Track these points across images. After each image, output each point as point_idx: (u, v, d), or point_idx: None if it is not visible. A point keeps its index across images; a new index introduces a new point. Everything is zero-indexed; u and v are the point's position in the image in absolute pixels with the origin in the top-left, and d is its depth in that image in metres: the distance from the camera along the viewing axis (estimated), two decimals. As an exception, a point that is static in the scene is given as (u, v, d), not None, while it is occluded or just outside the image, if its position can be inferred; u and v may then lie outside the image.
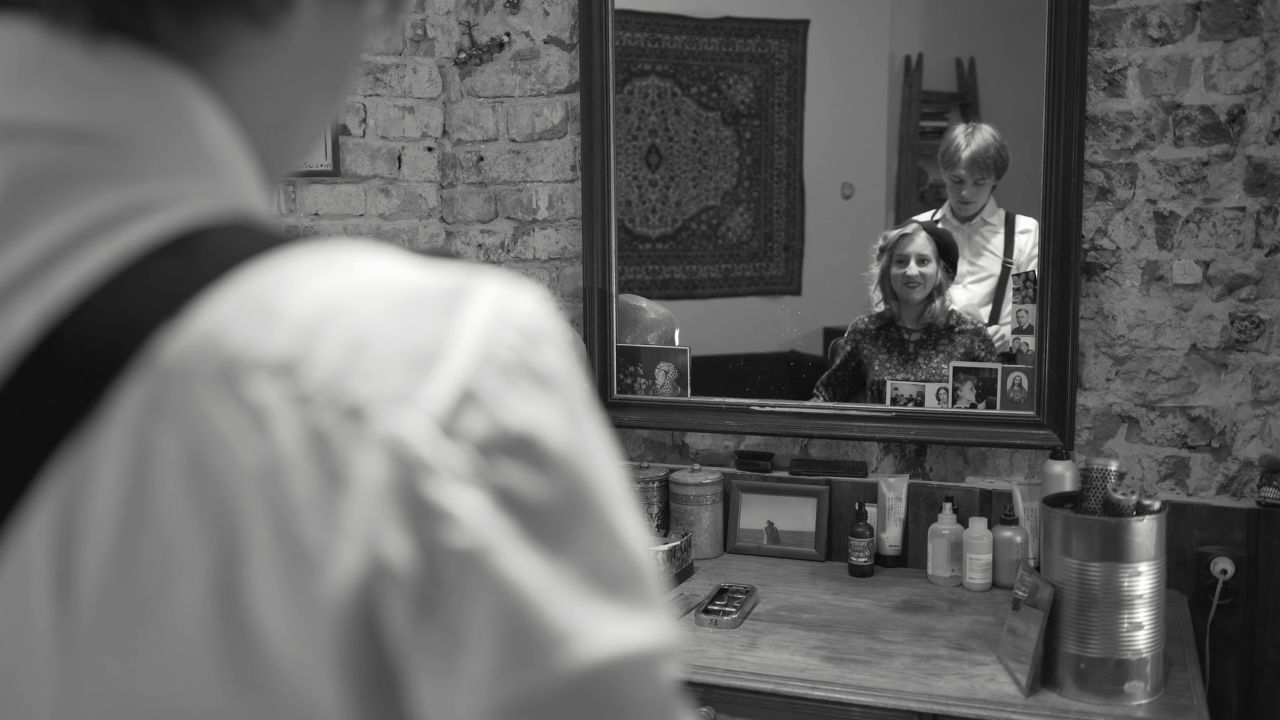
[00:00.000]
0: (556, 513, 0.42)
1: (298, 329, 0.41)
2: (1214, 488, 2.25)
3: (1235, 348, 2.22)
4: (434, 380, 0.41)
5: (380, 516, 0.40)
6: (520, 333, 0.43)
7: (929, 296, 2.43)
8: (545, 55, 2.67)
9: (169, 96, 0.45)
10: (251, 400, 0.40)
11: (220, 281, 0.42)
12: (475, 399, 0.41)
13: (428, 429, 0.40)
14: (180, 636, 0.39)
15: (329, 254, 0.44)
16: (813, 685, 1.83)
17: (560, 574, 0.42)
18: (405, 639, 0.40)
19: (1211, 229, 2.21)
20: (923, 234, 2.42)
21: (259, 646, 0.39)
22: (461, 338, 0.42)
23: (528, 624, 0.41)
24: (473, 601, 0.40)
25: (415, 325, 0.42)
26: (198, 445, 0.39)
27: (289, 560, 0.39)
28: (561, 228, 2.69)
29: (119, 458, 0.40)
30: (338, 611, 0.39)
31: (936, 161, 2.49)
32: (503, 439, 0.41)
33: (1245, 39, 2.15)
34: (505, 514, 0.41)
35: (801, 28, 2.60)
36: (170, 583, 0.39)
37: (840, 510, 2.47)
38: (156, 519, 0.39)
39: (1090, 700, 1.73)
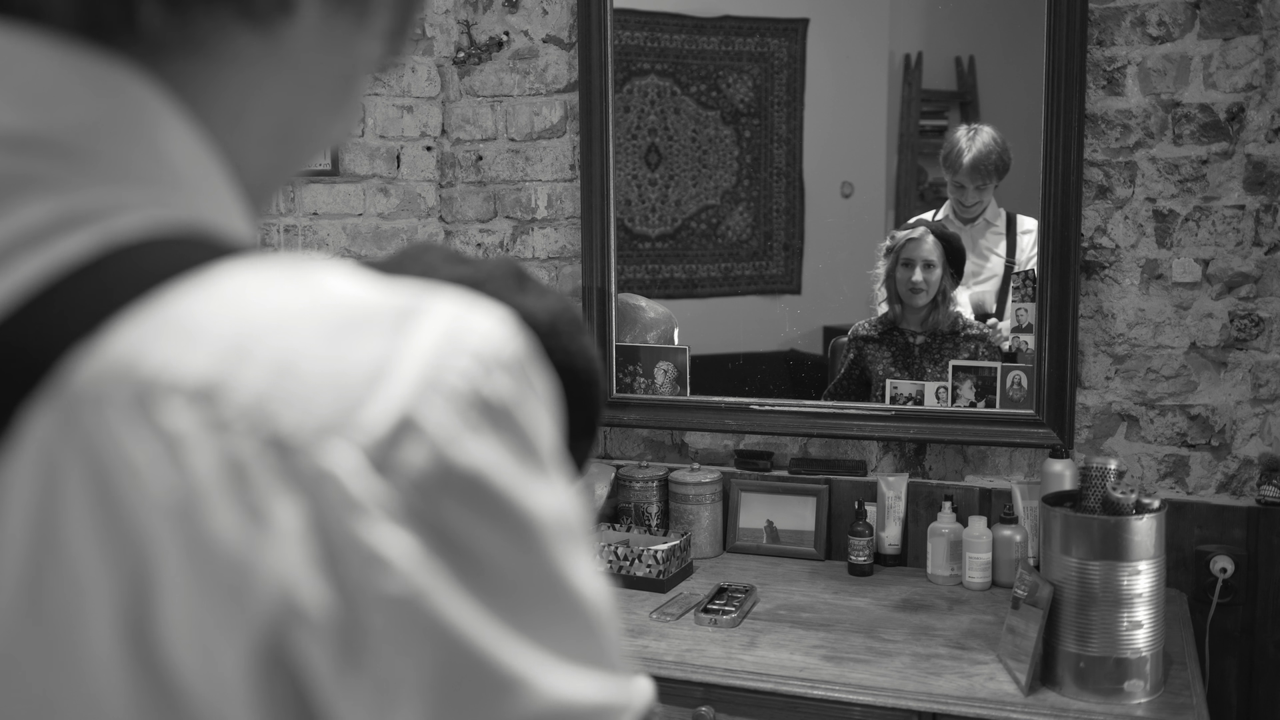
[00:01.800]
0: (500, 560, 0.39)
1: (221, 350, 0.38)
2: (1213, 486, 2.25)
3: (1235, 346, 2.21)
4: (369, 407, 0.37)
5: (299, 558, 0.36)
6: (474, 357, 0.39)
7: (933, 301, 2.43)
8: (544, 54, 2.66)
9: (128, 101, 0.43)
10: (165, 427, 0.37)
11: (143, 299, 0.38)
12: (416, 429, 0.38)
13: (356, 462, 0.37)
14: (91, 681, 0.37)
15: (269, 270, 0.40)
16: (812, 684, 1.83)
17: (502, 624, 0.39)
18: (329, 689, 0.37)
19: (1211, 227, 2.21)
20: (930, 238, 2.42)
21: (173, 692, 0.37)
22: (405, 361, 0.38)
23: (466, 676, 0.38)
24: (405, 651, 0.37)
25: (354, 347, 0.38)
26: (106, 475, 0.37)
27: (203, 601, 0.36)
28: (561, 227, 2.69)
29: (27, 486, 0.37)
30: (256, 657, 0.36)
31: (938, 163, 2.49)
32: (443, 476, 0.38)
33: (1244, 37, 2.15)
34: (441, 558, 0.37)
35: (801, 26, 2.60)
36: (78, 622, 0.37)
37: (840, 509, 2.47)
38: (64, 555, 0.37)
39: (1090, 699, 1.73)
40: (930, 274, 2.42)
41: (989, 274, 2.46)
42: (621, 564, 2.26)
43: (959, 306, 2.45)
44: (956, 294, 2.45)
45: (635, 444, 2.70)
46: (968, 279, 2.46)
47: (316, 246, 2.62)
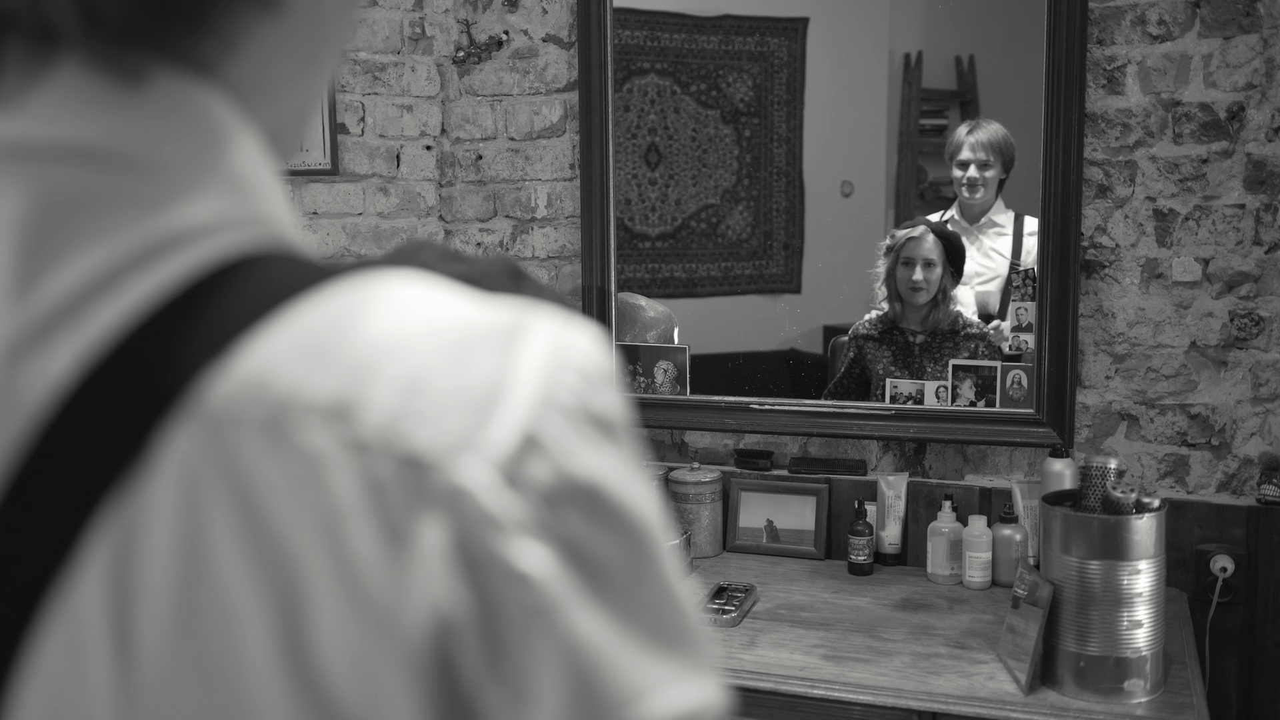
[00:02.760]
0: (620, 569, 0.40)
1: (350, 369, 0.38)
2: (1214, 485, 2.25)
3: (1235, 345, 2.21)
4: (494, 424, 0.38)
5: (444, 575, 0.37)
6: (579, 374, 0.41)
7: (934, 300, 2.43)
8: (544, 53, 2.66)
9: (193, 110, 0.42)
10: (304, 448, 0.37)
11: (266, 318, 0.39)
12: (538, 445, 0.38)
13: (490, 478, 0.38)
14: (249, 700, 0.37)
15: (377, 287, 0.41)
16: (812, 684, 1.83)
17: (626, 632, 0.40)
18: (478, 700, 0.38)
19: (1211, 226, 2.20)
20: (930, 237, 2.41)
21: (332, 707, 0.37)
22: (520, 378, 0.39)
23: (596, 684, 0.39)
24: (540, 661, 0.38)
25: (471, 364, 0.39)
26: (251, 497, 0.37)
27: (356, 617, 0.37)
28: (560, 226, 2.69)
29: (170, 509, 0.37)
30: (411, 668, 0.37)
31: (944, 159, 2.48)
32: (567, 489, 0.39)
33: (1244, 36, 2.15)
34: (572, 570, 0.39)
35: (801, 25, 2.60)
36: (234, 642, 0.37)
37: (840, 508, 2.47)
38: (214, 575, 0.37)
39: (1090, 698, 1.73)
40: (930, 273, 2.42)
41: (993, 274, 2.46)
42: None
43: (959, 305, 2.45)
44: (959, 293, 2.45)
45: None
46: (971, 279, 2.46)
47: (316, 245, 2.62)
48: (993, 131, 2.40)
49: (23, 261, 0.39)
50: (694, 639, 0.43)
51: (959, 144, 2.43)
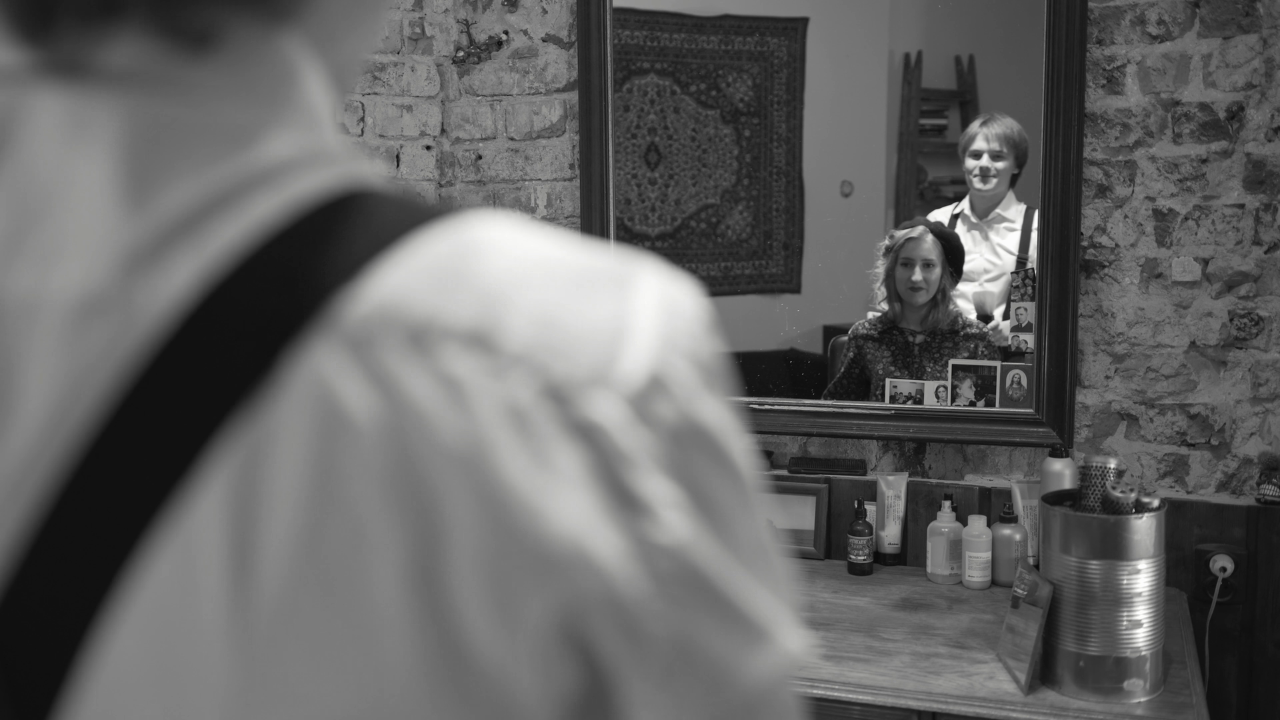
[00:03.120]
0: (735, 514, 0.40)
1: (483, 299, 0.38)
2: (1213, 485, 2.25)
3: (1234, 345, 2.21)
4: (623, 361, 0.38)
5: (589, 506, 0.37)
6: (691, 320, 0.41)
7: (933, 300, 2.43)
8: (544, 53, 2.66)
9: (268, 54, 0.42)
10: (446, 371, 0.36)
11: (393, 246, 0.38)
12: (664, 385, 0.39)
13: (624, 413, 0.38)
14: (376, 633, 0.36)
15: (489, 225, 0.41)
16: (811, 684, 1.83)
17: (747, 574, 0.40)
18: (620, 647, 0.38)
19: (1211, 226, 2.21)
20: (930, 237, 2.42)
21: (464, 648, 0.36)
22: (641, 320, 0.39)
23: (726, 624, 0.39)
24: (676, 602, 0.38)
25: (594, 303, 0.39)
26: (392, 418, 0.36)
27: (497, 552, 0.36)
28: (560, 226, 2.69)
29: (303, 427, 0.36)
30: (552, 608, 0.36)
31: (956, 154, 2.46)
32: (690, 429, 0.39)
33: (1244, 36, 2.15)
34: (698, 509, 0.39)
35: (801, 25, 2.60)
36: (363, 570, 0.36)
37: (839, 508, 2.47)
38: (347, 497, 0.36)
39: (1089, 698, 1.73)
40: (930, 273, 2.42)
41: (999, 271, 2.45)
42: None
43: (957, 305, 2.45)
44: (962, 288, 2.44)
45: (635, 443, 2.69)
46: (978, 276, 2.46)
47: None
48: (1007, 125, 2.39)
49: (131, 177, 0.38)
50: (784, 584, 0.43)
51: (972, 135, 2.42)
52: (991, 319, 2.42)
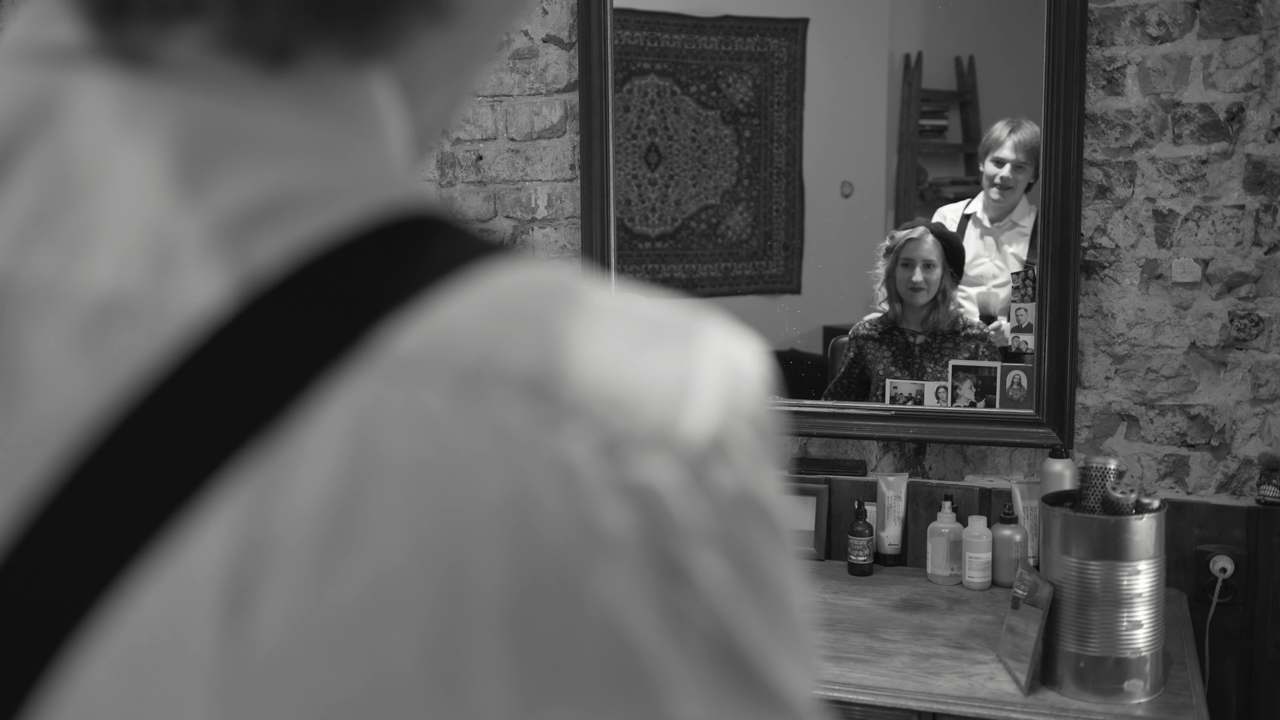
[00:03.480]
0: (781, 589, 0.38)
1: (545, 342, 0.35)
2: (1213, 486, 2.25)
3: (1234, 346, 2.21)
4: (685, 421, 0.35)
5: (629, 579, 0.34)
6: (754, 383, 0.38)
7: (933, 301, 2.43)
8: (544, 54, 2.66)
9: (349, 90, 0.39)
10: (495, 419, 0.33)
11: (454, 276, 0.36)
12: (724, 450, 0.36)
13: (683, 478, 0.35)
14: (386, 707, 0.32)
15: (557, 267, 0.38)
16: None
17: (786, 650, 0.37)
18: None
19: (1211, 227, 2.21)
20: (930, 238, 2.42)
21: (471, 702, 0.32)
22: (704, 379, 0.37)
23: (766, 702, 0.36)
24: (710, 680, 0.35)
25: (659, 356, 0.36)
26: (433, 463, 0.33)
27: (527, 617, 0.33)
28: (561, 227, 2.69)
29: (330, 463, 0.33)
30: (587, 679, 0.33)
31: (977, 155, 2.44)
32: (748, 501, 0.36)
33: (1244, 37, 2.15)
34: (746, 585, 0.36)
35: (801, 26, 2.60)
36: (381, 632, 0.32)
37: (839, 509, 2.47)
38: (371, 544, 0.32)
39: (1089, 699, 1.73)
40: (930, 274, 2.42)
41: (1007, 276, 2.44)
42: (621, 564, 2.26)
43: (956, 305, 2.45)
44: (964, 293, 2.45)
45: (635, 444, 2.69)
46: (987, 280, 2.45)
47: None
48: (1031, 133, 2.36)
49: (179, 172, 0.36)
50: (815, 665, 0.41)
51: (999, 140, 2.40)
52: (994, 320, 2.42)
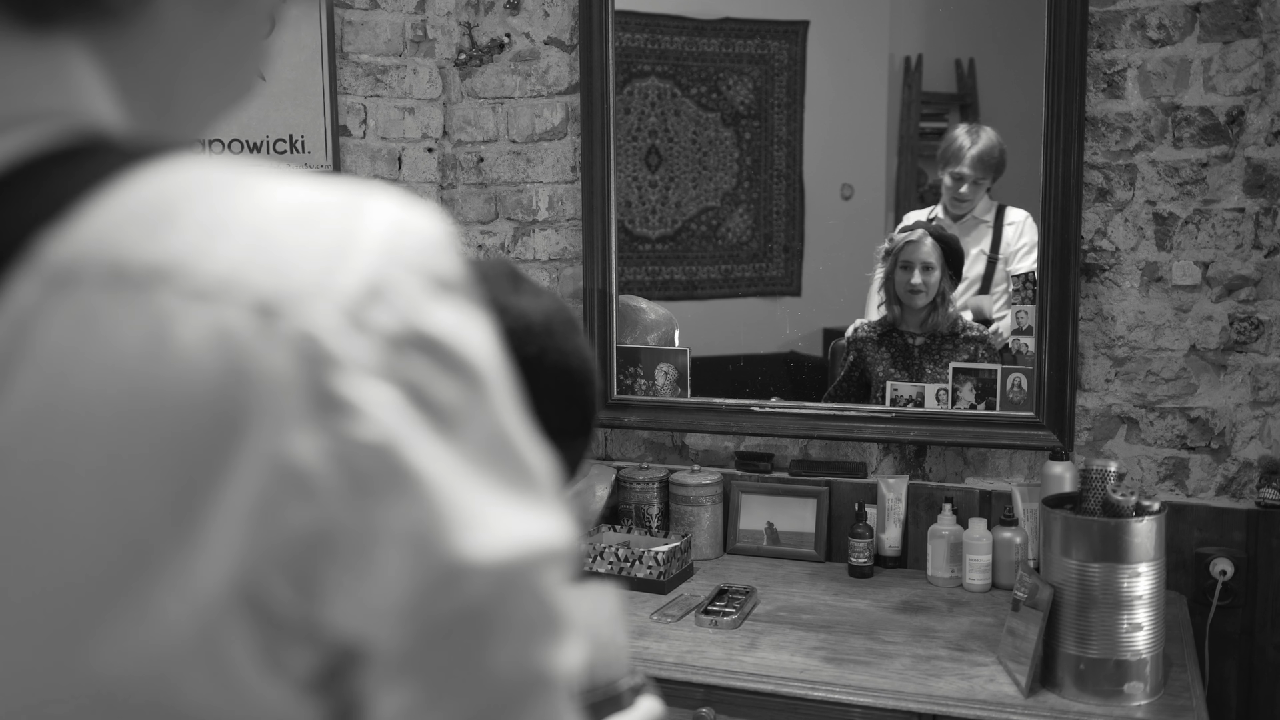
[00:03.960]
0: (462, 412, 0.42)
1: (195, 230, 0.40)
2: (1213, 489, 2.25)
3: (1234, 349, 2.22)
4: (340, 273, 0.40)
5: (288, 413, 0.38)
6: (420, 235, 0.43)
7: (932, 303, 2.44)
8: (545, 56, 2.67)
9: (43, 45, 0.45)
10: (150, 305, 0.38)
11: (106, 185, 0.40)
12: (383, 294, 0.41)
13: (336, 321, 0.39)
14: (65, 539, 0.38)
15: (219, 164, 0.43)
16: (812, 686, 1.83)
17: (467, 471, 0.42)
18: (317, 538, 0.39)
19: (1211, 230, 2.21)
20: (929, 240, 2.42)
21: (152, 546, 0.38)
22: (365, 236, 0.42)
23: (436, 513, 0.41)
24: (383, 497, 0.40)
25: (316, 227, 0.41)
26: (89, 353, 0.38)
27: (184, 464, 0.38)
28: (562, 228, 2.70)
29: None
30: (243, 512, 0.38)
31: (935, 160, 2.49)
32: (412, 336, 0.41)
33: (1244, 40, 2.15)
34: (413, 408, 0.41)
35: (801, 29, 2.61)
36: (51, 489, 0.38)
37: (840, 511, 2.47)
38: (40, 430, 0.38)
39: (1090, 701, 1.73)
40: (929, 276, 2.43)
41: (973, 272, 2.47)
42: (622, 565, 2.26)
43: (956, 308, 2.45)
44: (981, 300, 2.45)
45: (636, 445, 2.70)
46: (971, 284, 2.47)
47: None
48: (989, 144, 2.41)
49: None
50: (535, 481, 0.45)
51: (957, 154, 2.43)
52: (991, 323, 2.43)
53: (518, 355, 0.81)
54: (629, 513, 2.54)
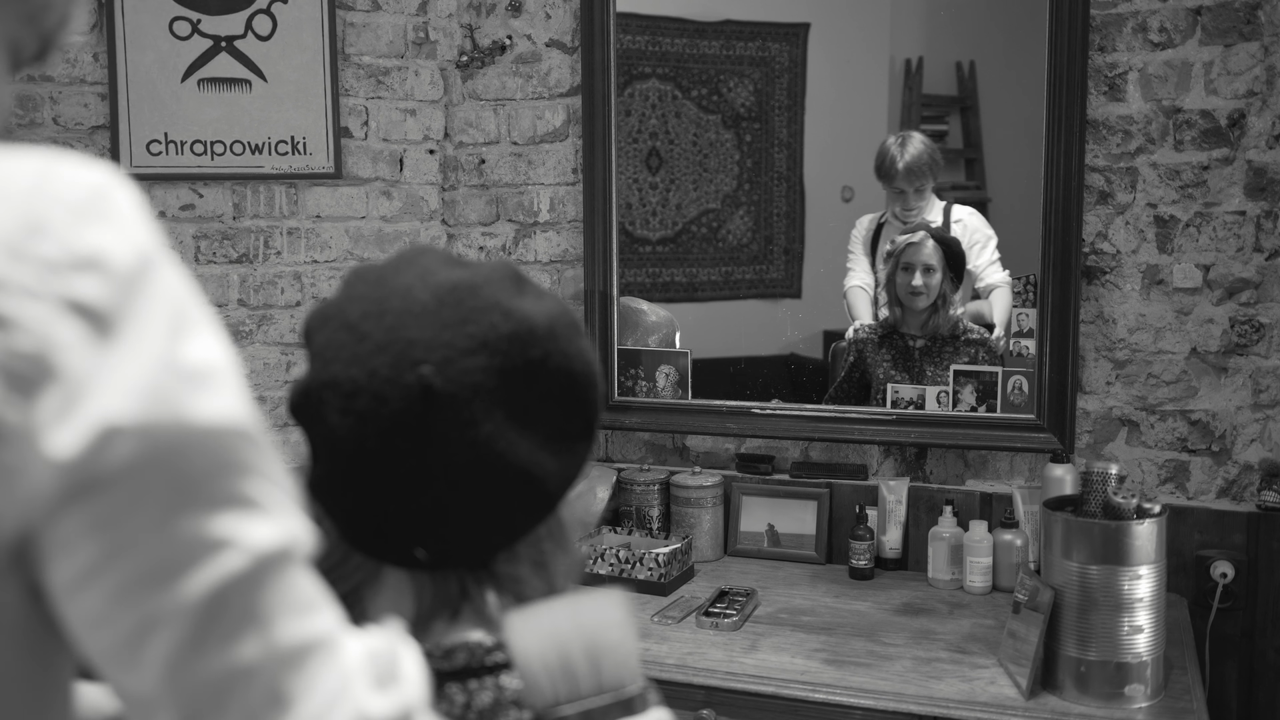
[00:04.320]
0: (118, 311, 0.51)
1: None
2: (1214, 491, 2.25)
3: (1235, 351, 2.22)
4: (1, 216, 0.49)
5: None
6: (68, 179, 0.52)
7: (934, 306, 2.44)
8: (547, 58, 2.67)
9: None
10: None
11: None
12: (40, 228, 0.49)
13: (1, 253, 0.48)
14: None
15: None
16: (813, 688, 1.83)
17: (127, 351, 0.50)
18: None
19: (1212, 233, 2.21)
20: (930, 242, 2.42)
21: None
22: (17, 185, 0.50)
23: (81, 395, 0.49)
24: (38, 394, 0.48)
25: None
26: None
27: None
28: (563, 230, 2.70)
29: None
30: None
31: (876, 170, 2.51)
32: (69, 259, 0.50)
33: (1245, 43, 2.15)
34: (72, 317, 0.49)
35: (802, 31, 2.61)
36: None
37: (841, 513, 2.48)
38: None
39: (1090, 703, 1.73)
40: (930, 278, 2.43)
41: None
42: (623, 567, 2.26)
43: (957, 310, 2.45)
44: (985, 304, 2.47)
45: (637, 447, 2.70)
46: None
47: (320, 249, 2.63)
48: (916, 153, 2.44)
49: None
50: (223, 372, 0.54)
51: (890, 170, 2.46)
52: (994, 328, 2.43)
53: (521, 358, 0.81)
54: (630, 514, 2.54)
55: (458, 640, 0.83)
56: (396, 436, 0.78)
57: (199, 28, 2.50)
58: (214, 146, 2.52)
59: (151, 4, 2.47)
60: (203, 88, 2.51)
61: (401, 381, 0.78)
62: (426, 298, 0.81)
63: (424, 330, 0.79)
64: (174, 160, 2.50)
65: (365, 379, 0.78)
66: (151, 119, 2.48)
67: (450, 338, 0.79)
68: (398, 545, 0.82)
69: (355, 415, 0.77)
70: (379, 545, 0.83)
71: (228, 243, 2.56)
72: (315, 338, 0.82)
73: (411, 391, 0.77)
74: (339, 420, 0.78)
